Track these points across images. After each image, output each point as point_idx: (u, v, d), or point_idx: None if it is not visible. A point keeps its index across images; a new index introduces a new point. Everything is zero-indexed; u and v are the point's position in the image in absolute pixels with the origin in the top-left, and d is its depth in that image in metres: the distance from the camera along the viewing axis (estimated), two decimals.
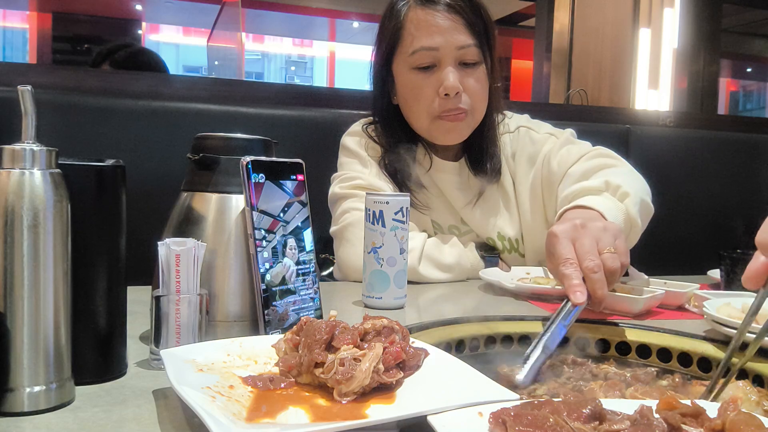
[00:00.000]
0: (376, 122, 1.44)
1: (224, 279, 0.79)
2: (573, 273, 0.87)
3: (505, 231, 1.43)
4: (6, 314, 0.55)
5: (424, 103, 1.31)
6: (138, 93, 1.70)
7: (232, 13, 5.62)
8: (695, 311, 1.06)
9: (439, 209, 1.42)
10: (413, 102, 1.33)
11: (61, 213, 0.57)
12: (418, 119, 1.34)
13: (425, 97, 1.30)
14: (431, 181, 1.41)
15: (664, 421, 0.50)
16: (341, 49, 10.49)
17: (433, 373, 0.63)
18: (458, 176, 1.41)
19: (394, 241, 1.02)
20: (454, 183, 1.40)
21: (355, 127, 1.46)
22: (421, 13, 1.28)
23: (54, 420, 0.55)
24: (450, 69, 1.27)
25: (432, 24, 1.27)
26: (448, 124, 1.31)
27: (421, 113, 1.33)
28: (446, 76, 1.27)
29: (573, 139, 1.40)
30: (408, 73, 1.31)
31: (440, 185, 1.41)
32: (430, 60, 1.28)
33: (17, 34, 9.14)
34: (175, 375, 0.57)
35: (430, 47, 1.27)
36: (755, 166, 2.17)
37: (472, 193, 1.41)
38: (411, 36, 1.29)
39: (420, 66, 1.29)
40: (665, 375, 0.81)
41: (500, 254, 1.43)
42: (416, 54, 1.28)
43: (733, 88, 10.28)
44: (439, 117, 1.31)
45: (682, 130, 2.28)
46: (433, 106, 1.30)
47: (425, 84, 1.29)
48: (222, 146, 0.82)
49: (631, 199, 1.15)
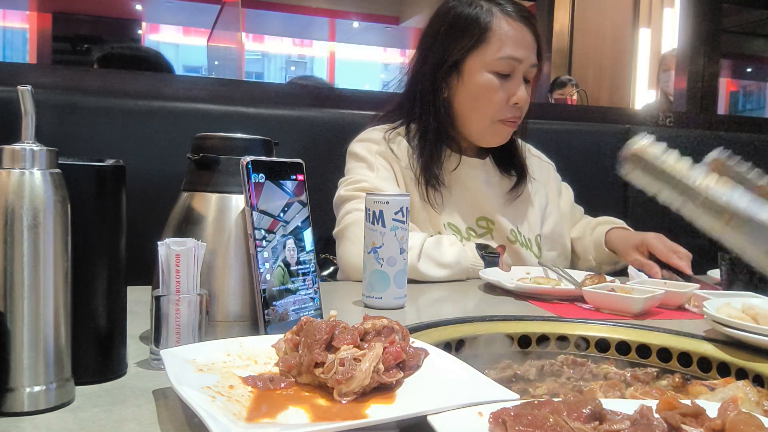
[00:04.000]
0: (403, 123, 1.47)
1: (224, 279, 0.79)
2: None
3: (526, 228, 1.50)
4: (6, 314, 0.55)
5: (494, 106, 1.39)
6: (138, 93, 1.70)
7: (232, 13, 5.62)
8: (695, 311, 1.06)
9: (461, 209, 1.44)
10: (483, 102, 1.40)
11: (61, 213, 0.57)
12: (481, 118, 1.41)
13: (496, 101, 1.39)
14: (456, 179, 1.45)
15: (664, 421, 0.50)
16: (341, 49, 10.49)
17: (433, 373, 0.63)
18: (485, 172, 1.48)
19: (394, 241, 1.02)
20: (482, 178, 1.47)
21: (367, 134, 1.47)
22: (513, 24, 1.39)
23: (54, 420, 0.55)
24: (522, 82, 1.40)
25: (520, 37, 1.39)
26: (505, 128, 1.43)
27: (485, 115, 1.40)
28: (520, 88, 1.39)
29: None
30: (485, 75, 1.38)
31: (467, 181, 1.46)
32: (510, 69, 1.38)
33: (17, 34, 9.13)
34: (175, 375, 0.57)
35: (516, 58, 1.37)
36: (755, 166, 2.16)
37: (497, 188, 1.49)
38: (500, 42, 1.37)
39: (499, 71, 1.38)
40: (665, 375, 0.81)
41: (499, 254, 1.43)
42: (502, 60, 1.37)
43: (733, 88, 10.27)
44: (500, 121, 1.41)
45: (682, 130, 2.28)
46: (501, 110, 1.40)
47: (500, 89, 1.38)
48: (222, 146, 0.82)
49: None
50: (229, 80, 2.69)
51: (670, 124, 2.28)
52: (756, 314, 0.85)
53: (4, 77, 1.59)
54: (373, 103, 1.82)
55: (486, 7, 1.40)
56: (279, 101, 1.83)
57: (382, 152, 1.42)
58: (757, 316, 0.85)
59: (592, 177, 1.88)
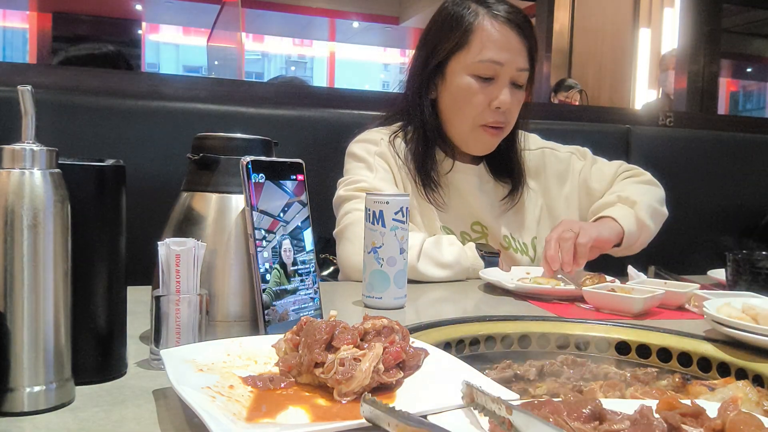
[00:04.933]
0: (403, 125, 1.46)
1: (224, 279, 0.79)
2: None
3: (520, 232, 1.49)
4: (6, 314, 0.55)
5: (474, 110, 1.36)
6: (138, 93, 1.70)
7: (232, 13, 5.62)
8: (695, 311, 1.06)
9: (454, 213, 1.44)
10: (463, 105, 1.37)
11: (61, 213, 0.57)
12: (462, 123, 1.39)
13: (476, 105, 1.36)
14: (450, 183, 1.44)
15: (664, 421, 0.50)
16: (341, 49, 10.49)
17: (433, 373, 0.63)
18: (478, 178, 1.47)
19: (394, 241, 1.02)
20: (475, 184, 1.46)
21: (366, 135, 1.46)
22: (497, 26, 1.34)
23: (54, 420, 0.55)
24: (506, 85, 1.36)
25: (503, 40, 1.34)
26: (486, 136, 1.39)
27: (466, 118, 1.38)
28: (503, 92, 1.35)
29: (595, 157, 1.59)
30: (465, 77, 1.36)
31: (460, 186, 1.45)
32: (492, 72, 1.34)
33: (17, 34, 9.14)
34: (175, 375, 0.57)
35: (497, 61, 1.33)
36: (755, 166, 2.17)
37: (491, 195, 1.47)
38: (481, 44, 1.34)
39: (480, 75, 1.35)
40: (665, 375, 0.81)
41: (499, 254, 1.43)
42: (482, 63, 1.34)
43: (733, 88, 10.28)
44: (481, 126, 1.38)
45: (682, 130, 2.28)
46: (481, 114, 1.36)
47: (480, 92, 1.35)
48: (222, 146, 0.82)
49: (639, 205, 1.36)
50: (229, 80, 2.68)
51: (670, 124, 2.29)
52: (756, 314, 0.85)
53: (4, 77, 1.59)
54: (372, 103, 1.82)
55: (473, 8, 1.37)
56: (279, 101, 1.83)
57: (381, 153, 1.41)
58: (757, 316, 0.85)
59: None
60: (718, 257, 1.28)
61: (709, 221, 2.07)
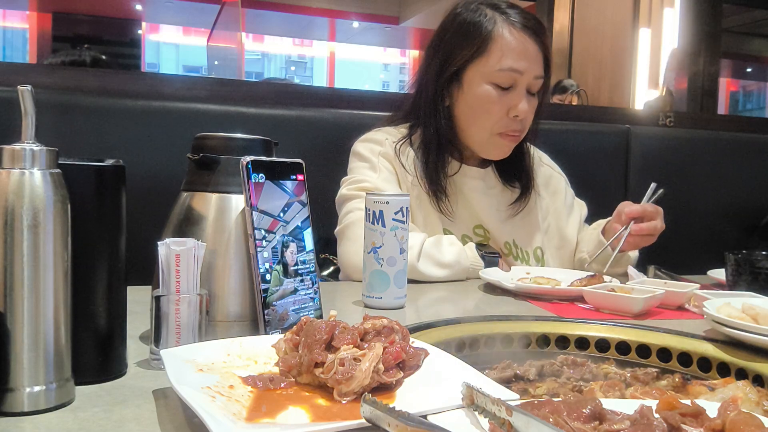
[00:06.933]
0: (411, 128, 1.45)
1: (224, 279, 0.79)
2: None
3: (523, 241, 1.48)
4: (6, 314, 0.55)
5: (492, 119, 1.36)
6: (138, 93, 1.70)
7: (232, 13, 5.62)
8: (695, 311, 1.06)
9: (457, 215, 1.43)
10: (481, 113, 1.37)
11: (61, 213, 0.57)
12: (480, 131, 1.38)
13: (494, 113, 1.35)
14: (453, 185, 1.44)
15: (664, 421, 0.50)
16: (341, 49, 10.50)
17: (433, 373, 0.63)
18: (484, 182, 1.46)
19: (394, 241, 1.02)
20: (480, 187, 1.45)
21: (371, 135, 1.46)
22: (515, 34, 1.34)
23: (54, 420, 0.55)
24: (524, 94, 1.35)
25: (522, 48, 1.34)
26: (505, 142, 1.39)
27: (485, 126, 1.37)
28: (521, 101, 1.35)
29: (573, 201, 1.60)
30: (483, 86, 1.35)
31: (465, 190, 1.44)
32: (511, 81, 1.34)
33: (17, 34, 9.14)
34: (175, 375, 0.57)
35: (516, 69, 1.33)
36: (755, 166, 2.17)
37: (497, 199, 1.47)
38: (500, 52, 1.33)
39: (499, 83, 1.34)
40: (665, 375, 0.81)
41: (499, 254, 1.43)
42: (502, 72, 1.33)
43: (733, 88, 10.29)
44: (499, 134, 1.38)
45: (682, 130, 2.28)
46: (500, 123, 1.36)
47: (498, 101, 1.35)
48: (222, 146, 0.82)
49: None
50: (229, 80, 2.68)
51: (670, 124, 2.29)
52: (756, 314, 0.85)
53: (4, 77, 1.59)
54: (372, 103, 1.82)
55: (490, 15, 1.35)
56: (279, 101, 1.83)
57: (385, 153, 1.41)
58: (757, 316, 0.85)
59: (592, 177, 1.88)
60: (718, 257, 1.28)
61: (709, 221, 2.07)
